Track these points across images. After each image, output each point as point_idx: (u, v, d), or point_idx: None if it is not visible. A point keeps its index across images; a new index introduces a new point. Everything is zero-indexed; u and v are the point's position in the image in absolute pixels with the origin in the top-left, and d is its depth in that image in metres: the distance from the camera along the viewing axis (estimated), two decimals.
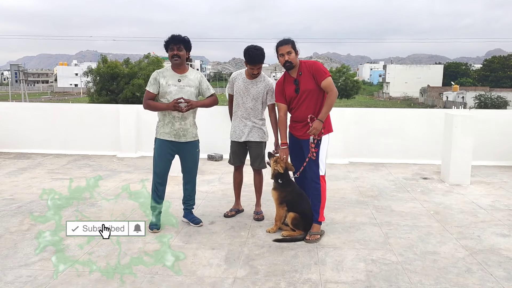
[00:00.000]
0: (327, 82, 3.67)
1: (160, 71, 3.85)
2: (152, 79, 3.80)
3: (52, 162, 6.83)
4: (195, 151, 3.96)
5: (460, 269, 3.18)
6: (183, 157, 3.95)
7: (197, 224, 4.00)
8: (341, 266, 3.20)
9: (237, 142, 4.20)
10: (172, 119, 3.80)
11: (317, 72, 3.68)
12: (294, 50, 3.70)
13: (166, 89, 3.76)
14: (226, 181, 5.65)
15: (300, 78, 3.74)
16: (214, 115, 6.93)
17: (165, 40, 3.75)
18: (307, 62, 3.79)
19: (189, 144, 3.90)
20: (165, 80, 3.78)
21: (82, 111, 8.06)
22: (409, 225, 4.12)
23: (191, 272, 3.08)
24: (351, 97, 59.45)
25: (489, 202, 4.87)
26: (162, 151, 3.86)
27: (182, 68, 3.84)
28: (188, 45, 3.80)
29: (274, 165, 3.83)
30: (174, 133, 3.82)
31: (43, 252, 3.38)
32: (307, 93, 3.71)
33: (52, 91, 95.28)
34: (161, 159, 3.87)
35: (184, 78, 3.82)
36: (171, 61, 3.78)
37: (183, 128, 3.83)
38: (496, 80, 73.43)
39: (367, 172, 6.37)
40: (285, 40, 3.73)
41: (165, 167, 3.89)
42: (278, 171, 3.80)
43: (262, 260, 3.29)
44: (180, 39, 3.76)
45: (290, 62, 3.70)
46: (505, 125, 7.05)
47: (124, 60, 37.48)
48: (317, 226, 3.78)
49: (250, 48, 3.91)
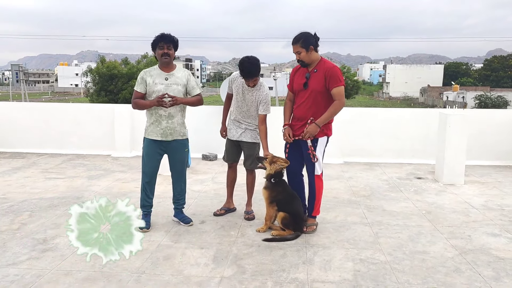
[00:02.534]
0: (338, 90, 3.63)
1: (147, 70, 3.84)
2: (139, 78, 3.80)
3: (46, 162, 6.83)
4: (183, 151, 3.95)
5: (448, 269, 3.17)
6: (171, 156, 3.94)
7: (187, 223, 3.99)
8: (329, 266, 3.19)
9: (230, 140, 4.21)
10: (159, 118, 3.79)
11: (332, 78, 3.62)
12: (304, 49, 3.62)
13: (153, 88, 3.75)
14: (219, 181, 5.64)
15: (313, 74, 3.70)
16: (208, 114, 6.93)
17: (154, 38, 3.74)
18: (327, 64, 3.72)
19: (176, 143, 3.88)
20: (152, 78, 3.77)
21: (77, 110, 8.06)
22: (400, 224, 4.11)
23: (178, 272, 3.08)
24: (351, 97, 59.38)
25: (482, 202, 4.86)
26: (150, 151, 3.85)
27: (169, 67, 3.83)
28: (176, 45, 3.81)
29: (275, 165, 3.78)
30: (161, 132, 3.81)
31: (31, 251, 3.39)
32: (313, 93, 3.68)
33: (53, 91, 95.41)
34: (150, 159, 3.86)
35: (171, 76, 3.82)
36: (161, 59, 3.77)
37: (170, 127, 3.82)
38: (497, 80, 73.37)
39: (361, 172, 6.36)
40: (295, 39, 3.67)
41: (153, 166, 3.89)
42: (281, 168, 3.77)
43: (250, 260, 3.28)
44: (170, 38, 3.76)
45: (302, 61, 3.69)
46: (500, 124, 7.03)
47: (123, 60, 37.42)
48: (311, 219, 3.86)
49: (244, 61, 3.86)
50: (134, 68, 34.40)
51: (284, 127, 3.92)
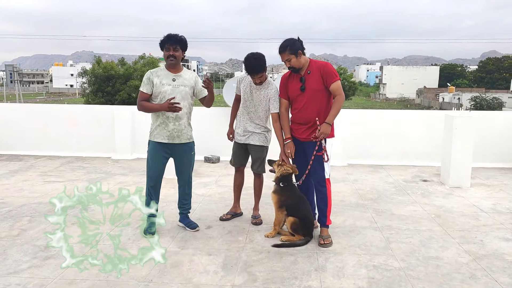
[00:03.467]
0: (337, 85, 3.58)
1: (154, 71, 3.73)
2: (146, 79, 3.69)
3: (44, 164, 6.69)
4: (190, 154, 3.84)
5: (464, 275, 3.09)
6: (177, 160, 3.84)
7: (194, 228, 3.88)
8: (342, 273, 3.10)
9: (238, 143, 4.11)
10: (166, 120, 3.68)
11: (328, 74, 3.58)
12: (293, 55, 3.57)
13: (160, 89, 3.64)
14: (223, 184, 5.54)
15: (307, 76, 3.64)
16: (211, 116, 6.83)
17: (161, 39, 3.64)
18: (318, 62, 3.69)
19: (184, 146, 3.78)
20: (159, 79, 3.66)
21: (76, 112, 7.89)
22: (410, 229, 4.02)
23: (187, 280, 2.97)
24: (348, 98, 59.48)
25: (490, 205, 4.79)
26: (156, 154, 3.74)
27: (177, 68, 3.73)
28: (184, 45, 3.69)
29: (280, 168, 3.71)
30: (168, 135, 3.70)
31: (33, 259, 3.27)
32: (313, 94, 3.61)
33: (47, 91, 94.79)
34: (155, 162, 3.75)
35: (179, 77, 3.72)
36: (167, 61, 3.68)
37: (178, 129, 3.71)
38: (492, 82, 73.78)
39: (366, 174, 6.28)
40: (281, 47, 3.61)
41: (159, 170, 3.77)
42: (287, 172, 3.69)
43: (261, 267, 3.18)
44: (176, 39, 3.65)
45: (293, 67, 3.62)
46: (505, 126, 6.98)
47: (119, 60, 37.13)
48: (326, 230, 3.70)
49: (249, 57, 3.78)
50: (131, 69, 34.15)
51: (286, 141, 3.78)
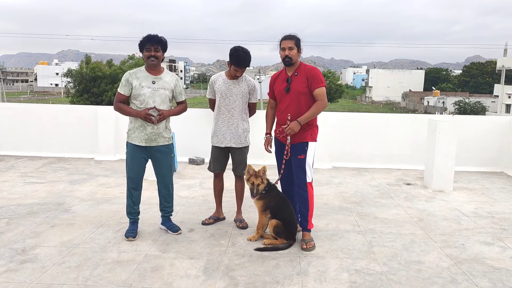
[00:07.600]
0: (321, 91, 3.61)
1: (133, 72, 3.66)
2: (124, 80, 3.62)
3: (25, 165, 6.55)
4: (169, 156, 3.79)
5: (445, 280, 3.11)
6: (156, 162, 3.77)
7: (176, 232, 3.83)
8: (324, 277, 3.09)
9: (218, 148, 4.05)
10: (144, 123, 3.61)
11: (314, 79, 3.60)
12: (296, 47, 3.62)
13: (139, 91, 3.58)
14: (207, 186, 5.49)
15: (294, 78, 3.65)
16: (195, 117, 6.77)
17: (141, 40, 3.57)
18: (308, 66, 3.71)
19: (161, 149, 3.72)
20: (138, 81, 3.60)
21: (58, 112, 7.74)
22: (393, 232, 4.04)
23: (167, 284, 2.92)
24: (334, 101, 59.83)
25: (472, 209, 4.85)
26: (134, 156, 3.68)
27: (157, 70, 3.67)
28: (164, 46, 3.64)
29: (259, 180, 3.65)
30: (146, 138, 3.64)
31: (9, 263, 3.18)
32: (297, 96, 3.61)
33: (32, 90, 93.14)
34: (134, 164, 3.69)
35: (159, 80, 3.65)
36: (147, 62, 3.61)
37: (156, 133, 3.65)
38: (476, 86, 75.02)
39: (350, 177, 6.30)
40: (290, 35, 3.65)
41: (138, 171, 3.72)
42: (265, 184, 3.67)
43: (243, 271, 3.15)
44: (157, 39, 3.60)
45: (290, 58, 3.61)
46: (486, 130, 7.09)
47: (107, 61, 36.65)
48: (308, 234, 3.69)
49: (238, 50, 3.79)
50: (118, 69, 33.69)
51: (266, 135, 3.92)
